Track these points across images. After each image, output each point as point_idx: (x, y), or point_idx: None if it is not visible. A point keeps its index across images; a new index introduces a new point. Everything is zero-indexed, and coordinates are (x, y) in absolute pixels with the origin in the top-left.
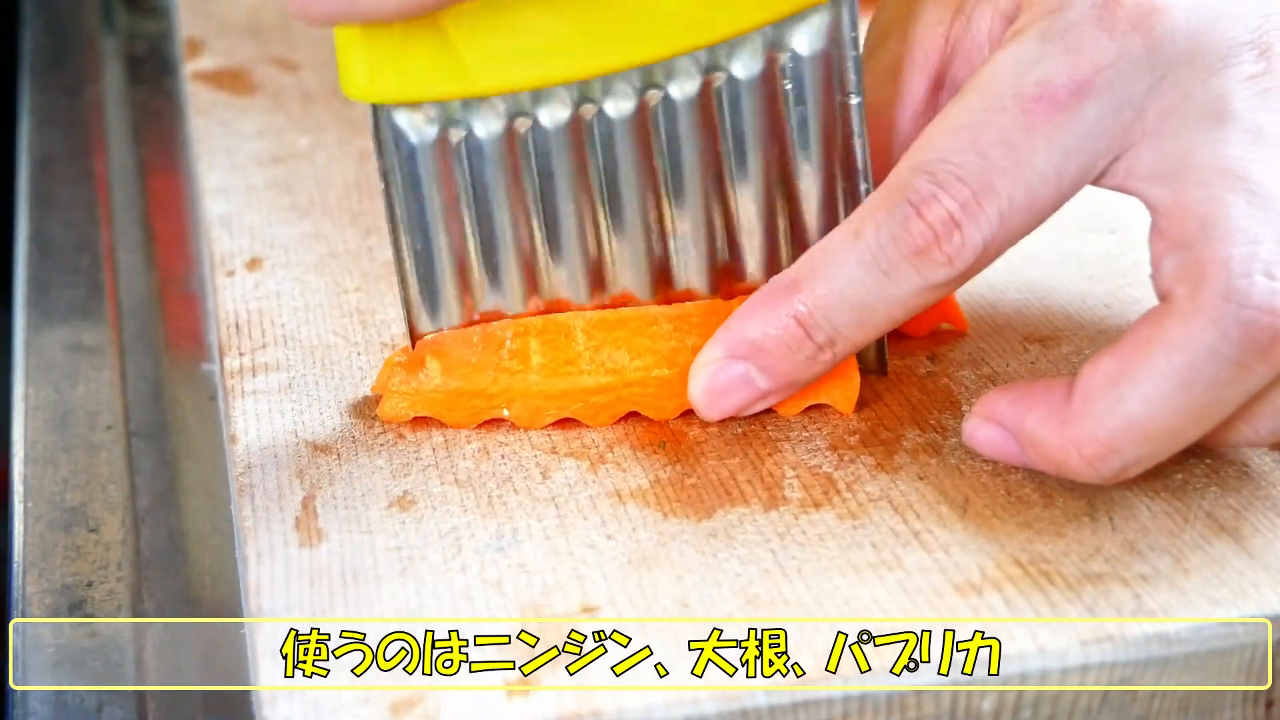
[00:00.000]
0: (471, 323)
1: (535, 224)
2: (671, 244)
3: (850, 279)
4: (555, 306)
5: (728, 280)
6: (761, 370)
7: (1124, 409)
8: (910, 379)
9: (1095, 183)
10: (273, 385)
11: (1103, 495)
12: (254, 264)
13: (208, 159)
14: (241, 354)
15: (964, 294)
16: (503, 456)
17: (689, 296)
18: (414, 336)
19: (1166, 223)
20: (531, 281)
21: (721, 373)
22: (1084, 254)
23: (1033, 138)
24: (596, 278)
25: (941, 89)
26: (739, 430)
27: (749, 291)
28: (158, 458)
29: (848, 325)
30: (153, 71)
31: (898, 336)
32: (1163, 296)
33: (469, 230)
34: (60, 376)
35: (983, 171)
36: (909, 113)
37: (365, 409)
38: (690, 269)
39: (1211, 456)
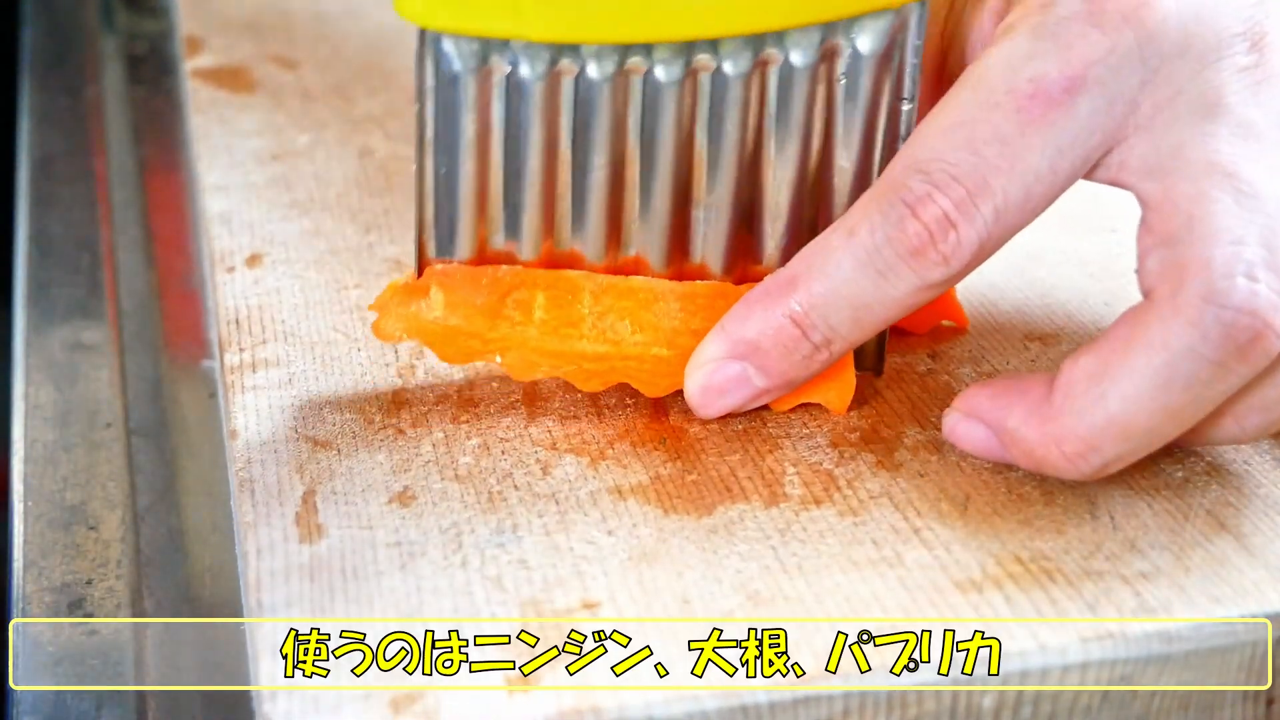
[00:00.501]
0: (481, 259)
1: (562, 170)
2: (695, 214)
3: (846, 279)
4: (566, 258)
5: (743, 261)
6: (759, 369)
7: (1105, 407)
8: (911, 376)
9: (1088, 176)
10: (273, 381)
11: (1104, 493)
12: (254, 260)
13: (207, 157)
14: (241, 350)
15: (965, 291)
16: (503, 452)
17: (701, 273)
18: (421, 262)
19: (1155, 217)
20: (548, 228)
21: (719, 372)
22: (1085, 253)
23: (1026, 135)
24: (613, 235)
25: (941, 83)
26: (739, 427)
27: (761, 277)
28: (157, 456)
29: (844, 324)
30: (153, 71)
31: (898, 333)
32: (1146, 293)
33: (495, 165)
34: (60, 375)
35: (977, 170)
36: None
37: (366, 404)
38: (709, 243)
39: (1213, 455)
